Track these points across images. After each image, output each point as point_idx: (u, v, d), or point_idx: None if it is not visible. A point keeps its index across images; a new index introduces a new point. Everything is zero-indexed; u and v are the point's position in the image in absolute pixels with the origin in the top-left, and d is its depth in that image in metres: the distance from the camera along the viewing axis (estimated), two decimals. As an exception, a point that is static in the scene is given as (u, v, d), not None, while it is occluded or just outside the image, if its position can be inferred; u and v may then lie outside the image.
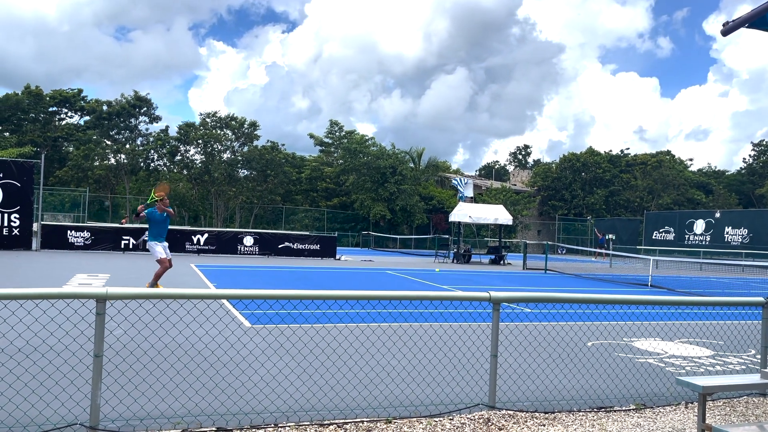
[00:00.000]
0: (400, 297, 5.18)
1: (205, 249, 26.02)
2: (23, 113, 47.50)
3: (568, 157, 60.60)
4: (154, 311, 5.55)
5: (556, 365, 6.78)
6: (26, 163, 23.43)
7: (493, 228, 43.31)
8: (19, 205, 22.51)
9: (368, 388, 5.40)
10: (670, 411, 5.41)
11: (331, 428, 4.48)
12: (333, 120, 57.58)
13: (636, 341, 8.63)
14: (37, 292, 4.17)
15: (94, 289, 4.18)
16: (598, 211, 56.49)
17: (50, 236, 23.75)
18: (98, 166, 46.37)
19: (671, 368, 7.02)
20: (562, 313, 10.65)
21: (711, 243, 38.62)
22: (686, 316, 11.46)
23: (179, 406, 4.75)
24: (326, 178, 53.06)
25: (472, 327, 8.70)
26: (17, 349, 5.73)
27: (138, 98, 46.92)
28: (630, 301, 5.94)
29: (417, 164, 54.60)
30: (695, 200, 57.72)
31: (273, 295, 4.83)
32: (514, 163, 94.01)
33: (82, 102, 49.58)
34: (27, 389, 4.75)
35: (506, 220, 29.88)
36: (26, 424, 4.22)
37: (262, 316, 9.22)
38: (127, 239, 24.87)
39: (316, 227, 48.85)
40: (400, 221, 49.98)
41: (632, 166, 60.29)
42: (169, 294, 4.37)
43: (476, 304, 6.94)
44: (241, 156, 48.08)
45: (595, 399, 5.64)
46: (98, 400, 4.18)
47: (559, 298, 5.66)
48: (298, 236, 28.52)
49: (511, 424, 4.79)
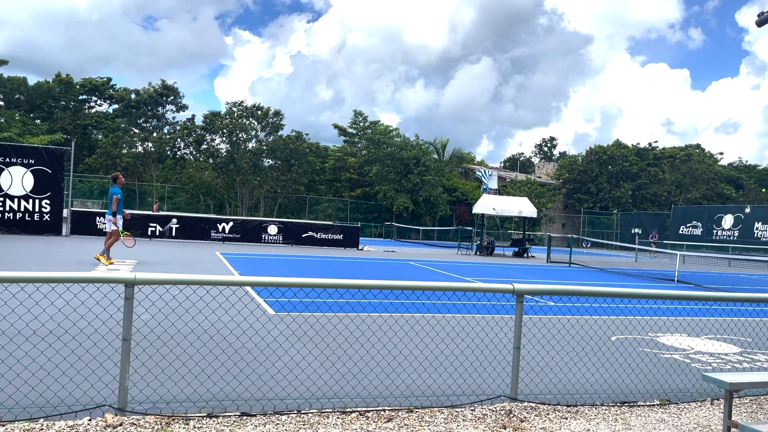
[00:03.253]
0: (423, 287, 5.18)
1: (230, 237, 26.30)
2: (54, 101, 48.40)
3: (594, 150, 59.81)
4: (181, 297, 5.64)
5: (580, 359, 6.73)
6: (57, 150, 23.88)
7: (517, 220, 43.00)
8: (50, 191, 22.99)
9: (390, 377, 5.43)
10: (696, 407, 5.34)
11: (354, 416, 4.51)
12: (357, 110, 57.67)
13: (661, 336, 8.53)
14: (67, 276, 4.26)
15: (122, 274, 4.26)
16: (625, 204, 55.72)
17: (80, 222, 24.24)
18: (126, 153, 47.05)
19: (697, 364, 6.93)
20: (586, 306, 10.56)
21: (740, 238, 37.87)
22: (713, 312, 11.28)
23: (204, 391, 4.83)
24: (350, 169, 53.14)
25: (495, 319, 8.67)
26: (48, 331, 5.87)
27: (165, 87, 47.42)
28: (655, 295, 5.86)
29: (441, 155, 54.38)
30: (725, 195, 56.60)
31: (297, 283, 4.86)
32: (539, 155, 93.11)
33: (111, 90, 50.36)
34: (58, 371, 4.87)
35: (530, 212, 29.64)
36: (56, 404, 4.33)
37: (286, 303, 9.31)
38: (154, 226, 25.25)
39: (339, 217, 49.02)
40: (423, 213, 49.89)
41: (660, 160, 59.31)
42: (196, 280, 4.43)
43: (500, 296, 6.91)
44: (266, 145, 48.37)
45: (618, 393, 5.60)
46: (126, 382, 4.27)
47: (583, 292, 5.60)
48: (322, 226, 28.65)
49: (533, 417, 4.77)
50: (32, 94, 47.34)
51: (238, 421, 4.24)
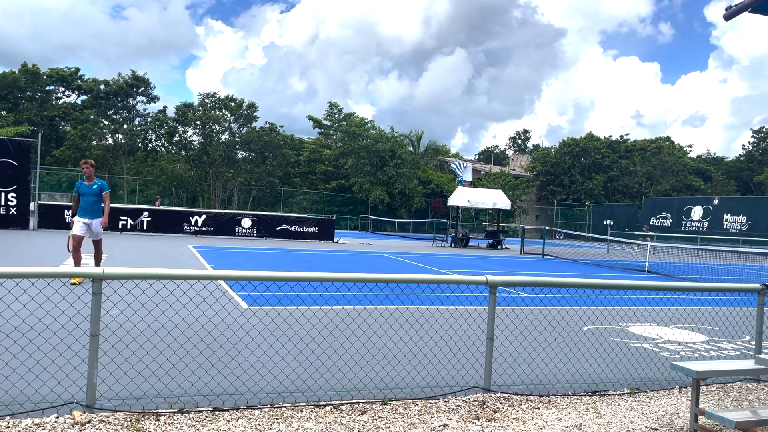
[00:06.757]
0: (397, 280, 5.17)
1: (203, 230, 26.01)
2: (20, 92, 47.13)
3: (567, 142, 60.44)
4: (151, 291, 5.55)
5: (552, 349, 6.81)
6: (23, 142, 23.31)
7: (491, 212, 43.30)
8: (16, 184, 22.44)
9: (364, 370, 5.42)
10: (664, 395, 5.44)
11: (327, 409, 4.50)
12: (332, 102, 57.33)
13: (631, 326, 8.67)
14: (34, 271, 4.16)
15: (90, 269, 4.18)
16: (597, 196, 56.50)
17: (47, 216, 23.72)
18: (96, 146, 46.10)
19: (666, 353, 7.06)
20: (558, 297, 10.69)
21: (709, 230, 38.70)
22: (682, 302, 11.51)
23: (176, 386, 4.76)
24: (325, 161, 52.89)
25: (468, 311, 8.73)
26: (13, 327, 5.73)
27: (135, 78, 46.54)
28: (626, 286, 5.95)
29: (416, 148, 54.44)
30: (694, 187, 57.70)
31: (270, 277, 4.82)
32: (513, 147, 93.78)
33: (79, 81, 49.19)
34: (23, 368, 4.76)
35: (505, 204, 29.88)
36: (23, 402, 4.23)
37: (259, 297, 9.24)
38: (125, 220, 24.84)
39: (314, 210, 48.81)
40: (398, 205, 49.95)
41: (631, 152, 60.14)
42: (165, 275, 4.37)
43: (473, 288, 6.95)
44: (240, 137, 47.87)
45: (589, 383, 5.68)
46: (95, 379, 4.19)
47: (556, 283, 5.66)
48: (296, 219, 28.50)
49: (506, 407, 4.82)
50: (-3, 84, 46.08)
51: (211, 416, 4.20)
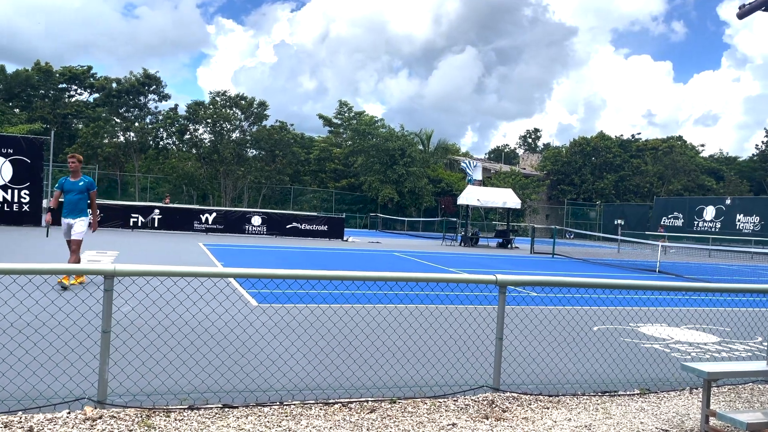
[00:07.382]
0: (406, 279, 5.17)
1: (213, 228, 26.11)
2: (33, 90, 47.52)
3: (578, 141, 60.11)
4: (162, 288, 5.58)
5: (561, 349, 6.78)
6: (36, 140, 23.50)
7: (501, 212, 43.18)
8: (29, 181, 22.64)
9: (373, 369, 5.43)
10: (675, 396, 5.41)
11: (336, 407, 4.51)
12: (342, 100, 57.40)
13: (642, 327, 8.62)
14: (46, 267, 4.19)
15: (102, 266, 4.20)
16: (608, 196, 56.17)
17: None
18: (107, 143, 46.43)
19: (677, 354, 7.01)
20: (568, 297, 10.65)
21: (721, 230, 38.38)
22: (693, 303, 11.43)
23: (186, 383, 4.79)
24: (335, 159, 52.94)
25: (478, 310, 8.71)
26: (26, 323, 5.78)
27: (147, 76, 46.81)
28: (637, 286, 5.91)
29: (426, 146, 54.39)
30: (706, 186, 57.24)
31: (280, 275, 4.83)
32: (523, 146, 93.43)
33: (91, 79, 49.52)
34: (36, 364, 4.81)
35: (515, 204, 29.78)
36: (35, 397, 4.27)
37: (268, 295, 9.27)
38: (136, 217, 24.99)
39: (324, 208, 48.88)
40: (408, 204, 49.91)
41: (643, 151, 59.73)
42: (176, 272, 4.39)
43: (483, 287, 6.93)
44: (250, 136, 48.02)
45: (599, 383, 5.65)
46: (106, 375, 4.22)
47: (566, 282, 5.64)
48: (306, 217, 28.55)
49: (515, 407, 4.80)
50: (11, 82, 46.45)
51: (220, 413, 4.22)
